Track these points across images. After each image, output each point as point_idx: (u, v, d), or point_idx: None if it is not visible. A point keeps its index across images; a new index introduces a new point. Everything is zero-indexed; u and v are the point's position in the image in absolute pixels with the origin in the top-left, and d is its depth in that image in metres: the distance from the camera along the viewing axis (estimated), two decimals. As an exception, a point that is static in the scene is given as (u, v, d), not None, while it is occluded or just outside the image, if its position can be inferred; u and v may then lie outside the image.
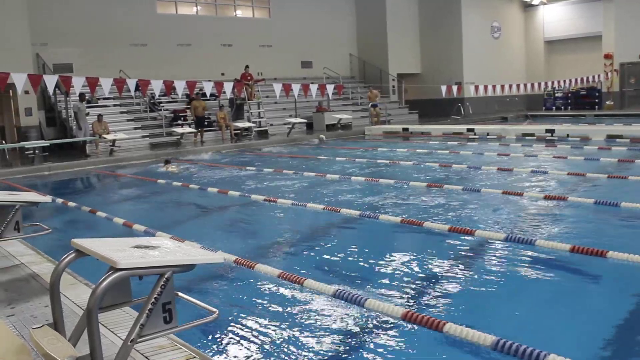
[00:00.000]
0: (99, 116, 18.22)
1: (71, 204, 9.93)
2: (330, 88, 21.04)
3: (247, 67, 22.91)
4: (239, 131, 20.88)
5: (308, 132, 22.91)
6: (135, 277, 2.88)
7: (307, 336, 4.25)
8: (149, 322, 2.83)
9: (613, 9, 27.86)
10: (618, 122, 20.68)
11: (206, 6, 25.48)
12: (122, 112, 20.99)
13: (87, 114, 18.33)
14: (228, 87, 18.68)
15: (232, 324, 4.54)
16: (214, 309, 3.13)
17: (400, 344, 4.07)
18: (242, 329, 4.44)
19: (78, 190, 13.24)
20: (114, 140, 17.64)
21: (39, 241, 6.26)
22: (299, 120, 22.53)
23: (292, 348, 4.07)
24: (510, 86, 25.01)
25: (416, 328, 4.16)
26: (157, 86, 17.24)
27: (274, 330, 4.40)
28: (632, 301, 4.71)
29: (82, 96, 17.96)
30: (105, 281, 2.72)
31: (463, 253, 6.15)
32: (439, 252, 6.21)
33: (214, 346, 4.19)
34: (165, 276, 2.87)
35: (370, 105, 24.83)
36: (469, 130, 20.30)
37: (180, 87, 17.58)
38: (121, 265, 2.73)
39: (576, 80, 27.45)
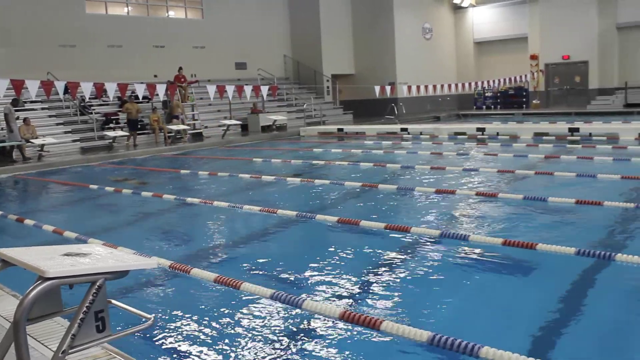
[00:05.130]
0: (26, 119, 17.53)
1: (-3, 211, 9.55)
2: (264, 89, 20.98)
3: (180, 68, 22.56)
4: (172, 134, 20.54)
5: (243, 134, 22.75)
6: (65, 286, 2.80)
7: (245, 339, 4.23)
8: (81, 331, 2.76)
9: (538, 11, 28.96)
10: (544, 120, 21.53)
11: (137, 6, 24.94)
12: (50, 116, 20.25)
13: (17, 118, 17.63)
14: (161, 89, 18.34)
15: (168, 330, 4.47)
16: (149, 315, 3.09)
17: (338, 343, 4.09)
18: (178, 335, 4.38)
19: (4, 197, 12.72)
20: (42, 145, 17.05)
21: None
22: (233, 122, 22.34)
23: (229, 352, 4.04)
24: (442, 86, 25.58)
25: (354, 327, 4.20)
26: (87, 88, 16.78)
27: (211, 335, 4.35)
28: (561, 290, 4.90)
29: (15, 101, 17.35)
30: (33, 291, 2.63)
31: (399, 250, 6.25)
32: (376, 251, 6.30)
33: (151, 353, 4.11)
34: (97, 284, 2.80)
35: (172, 117, 21.71)
36: (402, 130, 20.64)
37: (111, 89, 17.15)
38: (50, 274, 2.65)
39: (505, 80, 28.40)
